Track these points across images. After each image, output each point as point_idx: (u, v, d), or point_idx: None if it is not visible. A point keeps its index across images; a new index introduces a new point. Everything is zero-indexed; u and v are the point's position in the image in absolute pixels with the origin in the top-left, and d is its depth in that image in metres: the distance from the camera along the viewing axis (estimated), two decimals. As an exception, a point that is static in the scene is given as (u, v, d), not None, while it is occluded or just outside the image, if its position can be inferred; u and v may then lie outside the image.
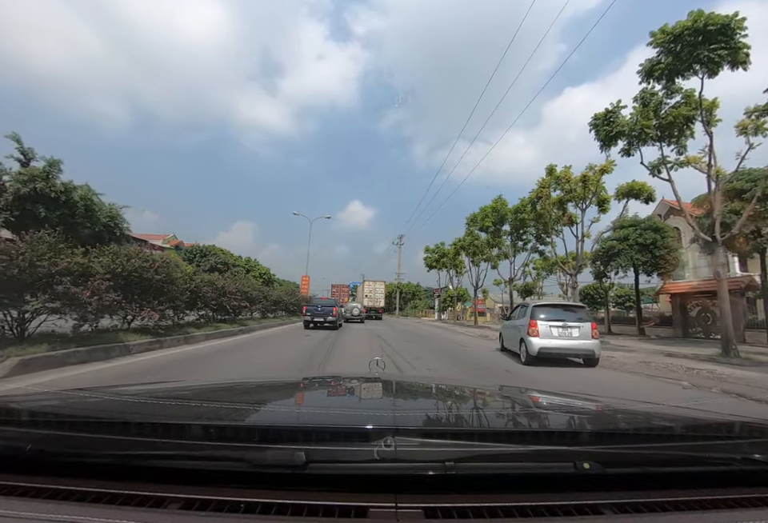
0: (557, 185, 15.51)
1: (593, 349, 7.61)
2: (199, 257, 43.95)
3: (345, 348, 10.21)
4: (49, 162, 18.88)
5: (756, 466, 0.81)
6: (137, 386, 1.88)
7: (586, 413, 1.41)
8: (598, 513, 0.69)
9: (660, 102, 10.43)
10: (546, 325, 7.72)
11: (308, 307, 17.99)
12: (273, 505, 0.67)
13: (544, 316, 7.91)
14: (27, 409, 1.01)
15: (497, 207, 20.51)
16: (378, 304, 36.70)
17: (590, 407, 1.52)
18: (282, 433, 0.84)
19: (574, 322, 7.80)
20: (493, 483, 0.75)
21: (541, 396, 1.83)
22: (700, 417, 1.34)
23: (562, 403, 1.59)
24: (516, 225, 20.20)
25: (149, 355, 7.23)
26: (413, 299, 70.95)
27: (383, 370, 2.30)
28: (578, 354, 7.78)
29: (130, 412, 1.08)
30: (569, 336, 7.70)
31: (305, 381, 2.00)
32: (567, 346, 7.62)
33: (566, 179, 15.05)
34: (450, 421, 1.18)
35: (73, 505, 0.66)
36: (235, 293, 12.98)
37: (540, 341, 7.56)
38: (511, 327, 9.51)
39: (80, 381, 4.57)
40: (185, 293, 9.51)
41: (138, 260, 7.91)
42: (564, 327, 7.72)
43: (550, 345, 7.54)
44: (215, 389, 1.62)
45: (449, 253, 34.14)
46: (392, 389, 1.73)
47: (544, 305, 8.43)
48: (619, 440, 0.92)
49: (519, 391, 2.07)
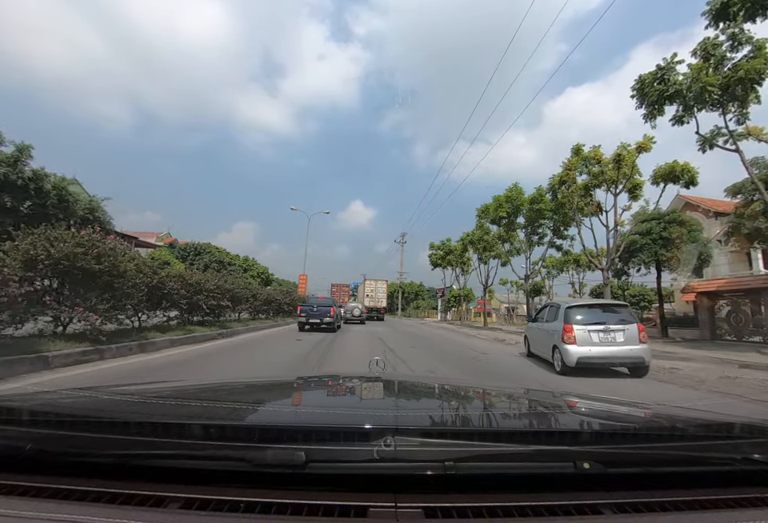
0: (584, 167, 13.57)
1: (642, 356, 6.44)
2: (193, 256, 42.16)
3: (341, 356, 8.42)
4: (18, 147, 17.08)
5: (756, 466, 0.80)
6: (137, 386, 1.84)
7: (586, 413, 1.38)
8: (598, 513, 0.69)
9: (723, 57, 8.53)
10: (583, 329, 6.53)
11: (302, 307, 16.27)
12: (273, 505, 0.67)
13: (581, 318, 6.73)
14: (27, 409, 0.98)
15: (511, 196, 18.43)
16: (380, 304, 34.72)
17: (590, 407, 1.49)
18: (282, 433, 0.84)
19: (617, 325, 6.59)
20: (493, 483, 0.74)
21: (541, 396, 1.87)
22: (700, 417, 1.32)
23: (563, 403, 1.56)
24: (531, 216, 18.23)
25: (79, 369, 5.49)
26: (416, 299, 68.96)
27: (383, 370, 2.18)
28: (624, 363, 6.57)
29: (130, 411, 1.08)
30: (612, 341, 6.48)
31: (305, 381, 1.98)
32: (611, 354, 6.43)
33: (595, 160, 13.11)
34: (450, 421, 1.17)
35: (73, 504, 0.66)
36: (214, 290, 11.12)
37: (578, 350, 6.40)
38: (539, 330, 8.25)
39: (80, 382, 4.54)
40: (140, 288, 7.65)
41: (69, 245, 6.07)
42: (606, 331, 6.52)
43: (591, 354, 6.36)
44: (215, 389, 1.61)
45: (456, 250, 31.96)
46: (392, 389, 1.72)
47: (579, 305, 7.17)
48: (619, 440, 0.91)
49: (519, 391, 2.11)
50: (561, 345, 6.62)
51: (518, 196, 18.38)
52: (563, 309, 7.05)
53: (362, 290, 37.09)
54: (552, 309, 7.83)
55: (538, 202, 17.56)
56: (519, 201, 18.14)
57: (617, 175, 12.88)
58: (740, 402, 4.87)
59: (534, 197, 17.83)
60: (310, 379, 2.07)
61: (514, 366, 8.00)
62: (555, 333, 6.98)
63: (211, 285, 11.05)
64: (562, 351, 6.59)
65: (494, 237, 22.40)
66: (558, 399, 1.68)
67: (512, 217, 18.44)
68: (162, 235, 50.32)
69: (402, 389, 1.75)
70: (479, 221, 22.27)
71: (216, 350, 8.56)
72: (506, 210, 18.22)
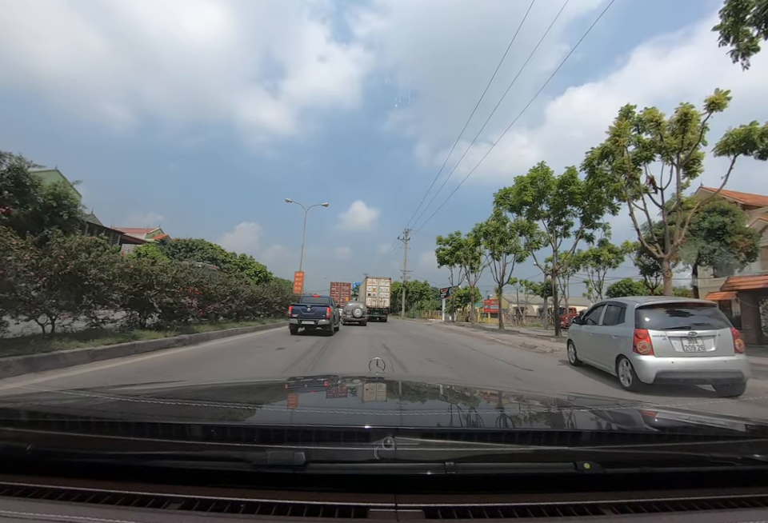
0: (636, 133, 10.96)
1: (740, 370, 5.14)
2: (184, 252, 39.68)
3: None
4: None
5: (756, 466, 0.80)
6: (137, 386, 1.86)
7: (586, 414, 1.36)
8: (598, 513, 0.68)
9: None
10: (662, 335, 5.30)
11: (294, 307, 13.93)
12: (273, 505, 0.67)
13: (658, 321, 5.46)
14: (27, 409, 1.00)
15: (536, 177, 15.78)
16: (383, 304, 32.05)
17: (591, 407, 1.46)
18: (282, 433, 0.84)
19: (705, 329, 5.30)
20: (493, 483, 0.74)
21: (541, 396, 1.87)
22: (700, 417, 1.29)
23: (563, 403, 1.55)
24: (557, 202, 15.62)
25: None
26: (420, 299, 66.18)
27: (383, 370, 2.12)
28: (718, 378, 5.20)
29: (131, 412, 1.07)
30: (700, 351, 5.20)
31: (305, 381, 2.00)
32: (701, 367, 5.12)
33: (652, 122, 10.49)
34: (450, 421, 1.15)
35: (73, 505, 0.66)
36: (171, 284, 8.61)
37: (657, 362, 5.15)
38: (592, 335, 6.99)
39: (80, 381, 4.38)
40: (32, 278, 5.15)
41: None
42: (691, 338, 5.26)
43: (674, 367, 5.12)
44: (215, 389, 1.61)
45: (467, 244, 29.01)
46: (392, 389, 1.73)
47: (654, 305, 5.75)
48: (619, 440, 0.91)
49: (519, 391, 2.07)
50: (632, 356, 5.35)
51: (544, 176, 15.70)
52: (632, 309, 5.70)
53: (364, 289, 34.41)
54: (611, 309, 6.47)
55: (569, 184, 14.95)
56: (546, 183, 15.45)
57: (680, 142, 10.27)
58: (740, 402, 4.57)
59: (563, 178, 15.16)
60: (310, 379, 2.08)
61: (567, 381, 6.39)
62: (621, 339, 5.69)
63: (167, 278, 8.54)
64: (633, 363, 5.31)
65: (511, 228, 19.74)
66: (559, 399, 1.66)
67: (536, 202, 15.77)
68: (154, 231, 47.86)
69: (402, 389, 1.74)
70: (497, 209, 18.81)
71: (158, 366, 6.05)
72: (531, 194, 15.54)
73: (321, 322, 13.25)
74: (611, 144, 11.01)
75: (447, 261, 31.96)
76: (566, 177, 15.29)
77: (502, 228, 20.65)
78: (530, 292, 48.71)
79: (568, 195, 15.46)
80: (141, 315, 8.54)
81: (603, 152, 11.79)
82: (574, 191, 15.08)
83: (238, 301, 13.59)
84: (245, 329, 13.04)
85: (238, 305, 13.99)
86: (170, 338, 8.41)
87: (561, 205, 16.22)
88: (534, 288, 46.90)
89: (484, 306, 54.18)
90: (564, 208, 16.47)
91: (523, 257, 22.90)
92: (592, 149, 12.75)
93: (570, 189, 15.09)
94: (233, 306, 13.09)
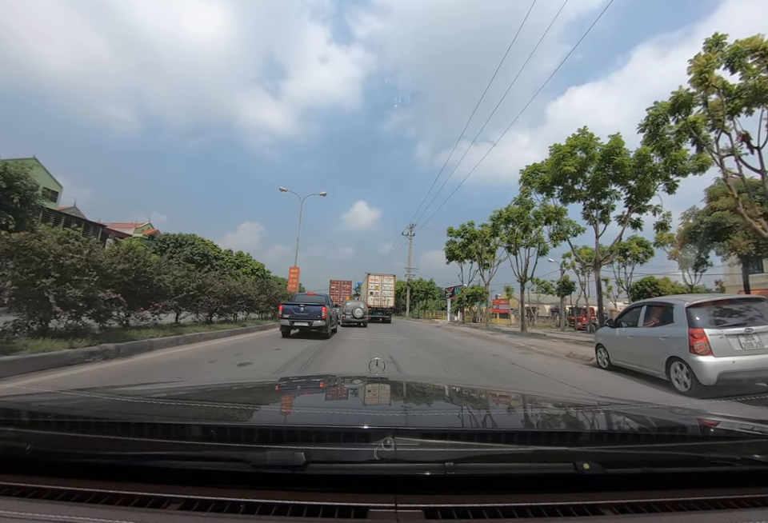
0: (730, 69, 8.13)
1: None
2: (173, 247, 36.91)
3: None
4: None
5: (756, 466, 0.80)
6: (137, 387, 1.85)
7: (586, 414, 1.35)
8: (598, 513, 0.68)
9: None
10: (718, 334, 4.95)
11: (285, 307, 11.93)
12: (273, 506, 0.66)
13: (711, 320, 5.14)
14: (27, 409, 0.97)
15: (577, 147, 12.49)
16: (387, 303, 29.14)
17: (591, 408, 1.46)
18: (282, 434, 0.83)
19: (759, 326, 4.96)
20: (493, 483, 0.74)
21: (541, 396, 1.84)
22: (700, 417, 1.30)
23: (562, 403, 1.55)
24: (600, 179, 12.82)
25: None
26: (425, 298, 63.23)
27: (383, 371, 2.06)
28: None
29: (130, 412, 1.06)
30: (759, 347, 4.84)
31: (305, 381, 2.00)
32: (762, 364, 4.73)
33: (757, 53, 7.66)
34: (450, 421, 1.14)
35: (73, 505, 0.65)
36: (82, 269, 5.88)
37: (718, 362, 4.79)
38: (631, 338, 6.51)
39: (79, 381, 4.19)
40: None
41: None
42: (747, 334, 4.91)
43: (736, 367, 4.75)
44: (215, 390, 1.59)
45: (482, 234, 25.69)
46: (392, 389, 1.72)
47: (704, 302, 5.38)
48: (619, 440, 0.91)
49: (519, 392, 2.02)
50: (688, 356, 5.05)
51: (586, 145, 12.35)
52: (681, 308, 5.41)
53: (365, 287, 31.50)
54: (655, 310, 6.22)
55: (616, 154, 12.13)
56: (589, 154, 12.44)
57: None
58: (740, 403, 4.38)
59: (608, 148, 12.32)
60: (309, 380, 2.08)
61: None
62: (673, 340, 5.41)
63: (74, 261, 5.80)
64: (691, 364, 5.02)
65: (536, 214, 16.81)
66: (558, 400, 1.66)
67: (577, 175, 12.89)
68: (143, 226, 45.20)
69: (402, 389, 1.73)
70: (524, 188, 15.56)
71: None
72: (574, 164, 12.60)
73: (315, 324, 11.34)
74: (697, 83, 8.11)
75: (457, 257, 28.75)
76: (612, 146, 12.47)
77: (526, 214, 17.68)
78: (541, 291, 45.86)
79: (613, 169, 12.63)
80: (36, 315, 5.81)
81: (677, 103, 8.98)
82: (623, 163, 12.25)
83: (208, 298, 10.86)
84: (214, 334, 10.30)
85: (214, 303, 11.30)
86: (80, 350, 5.70)
87: (602, 183, 13.40)
88: (545, 286, 44.08)
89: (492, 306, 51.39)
90: (605, 187, 13.65)
91: (547, 249, 20.03)
92: (656, 104, 9.95)
93: (618, 160, 12.26)
94: (199, 304, 10.37)
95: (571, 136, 12.99)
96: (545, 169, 14.10)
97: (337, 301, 32.88)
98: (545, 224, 16.77)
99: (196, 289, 10.11)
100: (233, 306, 12.79)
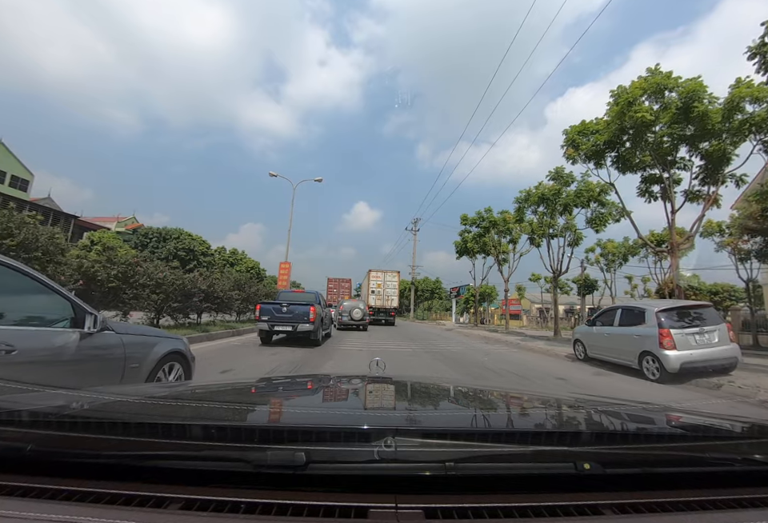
0: None
1: (735, 356, 6.46)
2: (156, 242, 33.86)
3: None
4: None
5: (756, 466, 0.80)
6: (137, 387, 1.87)
7: (586, 414, 1.34)
8: (598, 513, 0.68)
9: None
10: (680, 333, 6.34)
11: (263, 306, 9.52)
12: (273, 506, 0.66)
13: (676, 322, 6.50)
14: (27, 409, 0.95)
15: (647, 90, 9.42)
16: (390, 303, 25.84)
17: (591, 408, 1.44)
18: (283, 434, 0.82)
19: (709, 326, 6.45)
20: (493, 483, 0.73)
21: (541, 396, 1.81)
22: (700, 417, 1.29)
23: (562, 403, 1.52)
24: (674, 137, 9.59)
25: None
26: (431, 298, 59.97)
27: (383, 371, 2.06)
28: (723, 364, 6.32)
29: (131, 412, 1.06)
30: (708, 343, 6.34)
31: (305, 381, 1.98)
32: (710, 356, 6.24)
33: None
34: (450, 421, 1.14)
35: (73, 505, 0.65)
36: None
37: (680, 354, 6.17)
38: (607, 335, 7.86)
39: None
40: None
41: None
42: (701, 333, 6.38)
43: (692, 358, 6.16)
44: (215, 390, 1.58)
45: (503, 222, 21.94)
46: (392, 390, 1.70)
47: (671, 308, 6.74)
48: (619, 440, 0.91)
49: (519, 392, 2.03)
50: (658, 351, 6.32)
51: (658, 89, 9.21)
52: (652, 312, 6.68)
53: (366, 285, 28.26)
54: (628, 313, 7.47)
55: (696, 102, 9.00)
56: (664, 99, 9.26)
57: None
58: (740, 403, 4.67)
59: (687, 93, 9.19)
60: (309, 380, 2.05)
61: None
62: (646, 338, 6.63)
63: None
64: (659, 356, 6.29)
65: (590, 187, 13.43)
66: (559, 400, 1.64)
67: (650, 129, 9.66)
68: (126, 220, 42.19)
69: (403, 389, 1.71)
70: (571, 152, 11.62)
71: None
72: (647, 110, 9.03)
73: (302, 328, 9.31)
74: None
75: (469, 251, 25.33)
76: (689, 93, 9.31)
77: (568, 192, 14.32)
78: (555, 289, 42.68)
79: (695, 123, 9.46)
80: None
81: (759, 49, 5.89)
82: (707, 112, 9.12)
83: (141, 292, 7.71)
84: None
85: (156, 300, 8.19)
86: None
87: (673, 146, 10.27)
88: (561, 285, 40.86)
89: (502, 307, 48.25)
90: (674, 152, 10.52)
91: (580, 237, 16.81)
92: (759, 38, 6.86)
93: (701, 109, 9.12)
94: (163, 303, 7.25)
95: (635, 81, 9.73)
96: (596, 129, 10.92)
97: (336, 301, 29.70)
98: (587, 204, 13.58)
99: (139, 285, 6.97)
100: (187, 305, 9.66)
